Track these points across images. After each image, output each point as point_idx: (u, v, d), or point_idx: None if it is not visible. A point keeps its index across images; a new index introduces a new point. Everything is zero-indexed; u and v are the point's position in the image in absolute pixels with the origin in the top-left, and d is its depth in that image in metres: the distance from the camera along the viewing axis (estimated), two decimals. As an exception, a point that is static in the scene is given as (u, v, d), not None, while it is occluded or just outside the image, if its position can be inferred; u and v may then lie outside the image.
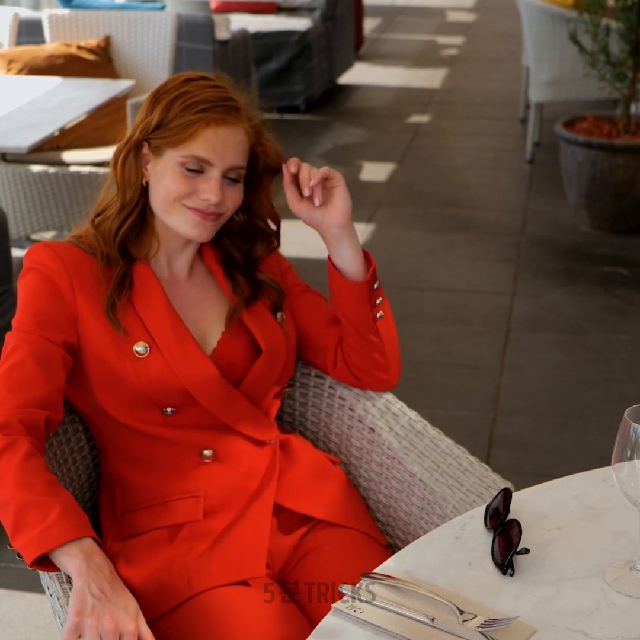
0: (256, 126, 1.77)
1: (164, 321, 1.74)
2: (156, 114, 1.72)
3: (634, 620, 1.34)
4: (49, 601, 1.54)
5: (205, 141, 1.70)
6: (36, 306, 1.71)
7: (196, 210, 1.72)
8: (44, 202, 4.22)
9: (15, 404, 1.61)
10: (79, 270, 1.74)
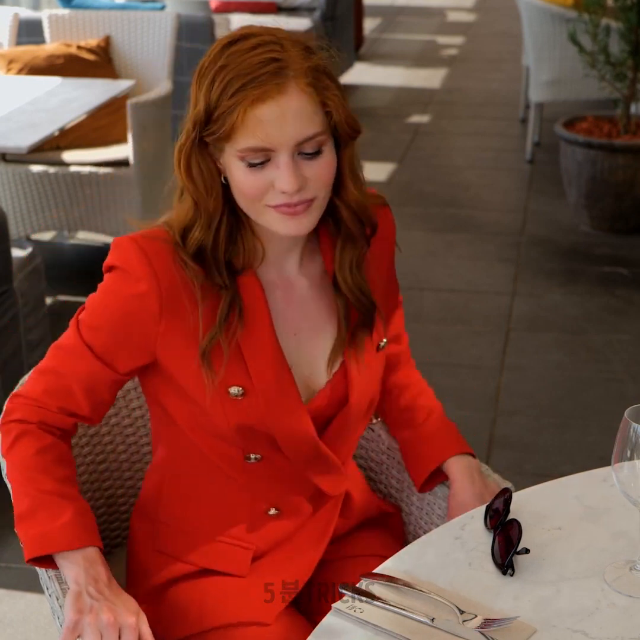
0: (319, 79, 1.44)
1: (268, 363, 1.51)
2: (201, 102, 1.43)
3: (634, 620, 1.34)
4: (48, 601, 1.54)
5: (253, 127, 1.40)
6: (110, 326, 1.51)
7: (281, 207, 1.45)
8: (44, 202, 4.22)
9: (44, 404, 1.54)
10: (173, 290, 1.48)
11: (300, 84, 1.41)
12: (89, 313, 1.54)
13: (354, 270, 1.55)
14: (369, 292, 1.58)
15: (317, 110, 1.43)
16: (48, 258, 4.42)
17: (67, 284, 4.34)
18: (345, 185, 1.51)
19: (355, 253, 1.55)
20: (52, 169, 4.18)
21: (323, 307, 1.58)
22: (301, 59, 1.43)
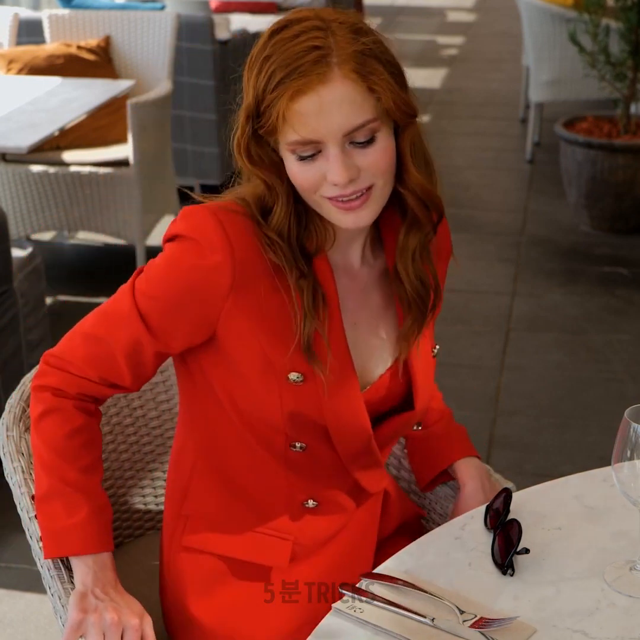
0: (364, 63, 1.35)
1: (331, 350, 1.45)
2: (250, 94, 1.38)
3: (634, 620, 1.34)
4: (50, 601, 1.54)
5: (295, 121, 1.34)
6: (171, 297, 1.43)
7: (337, 201, 1.39)
8: (44, 202, 4.22)
9: (84, 374, 1.48)
10: (249, 267, 1.42)
11: (344, 70, 1.34)
12: (147, 280, 1.45)
13: (417, 257, 1.50)
14: (429, 284, 1.53)
15: (365, 97, 1.36)
16: (48, 258, 4.42)
17: (67, 284, 4.35)
18: (408, 170, 1.44)
19: (420, 239, 1.50)
20: (52, 169, 4.18)
21: (383, 299, 1.54)
22: (347, 43, 1.35)
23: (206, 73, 4.87)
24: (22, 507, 1.56)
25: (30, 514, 1.54)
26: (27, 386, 1.68)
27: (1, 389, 3.00)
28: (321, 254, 1.46)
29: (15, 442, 1.61)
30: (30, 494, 1.56)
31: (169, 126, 4.48)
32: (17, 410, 1.64)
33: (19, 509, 1.58)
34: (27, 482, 1.57)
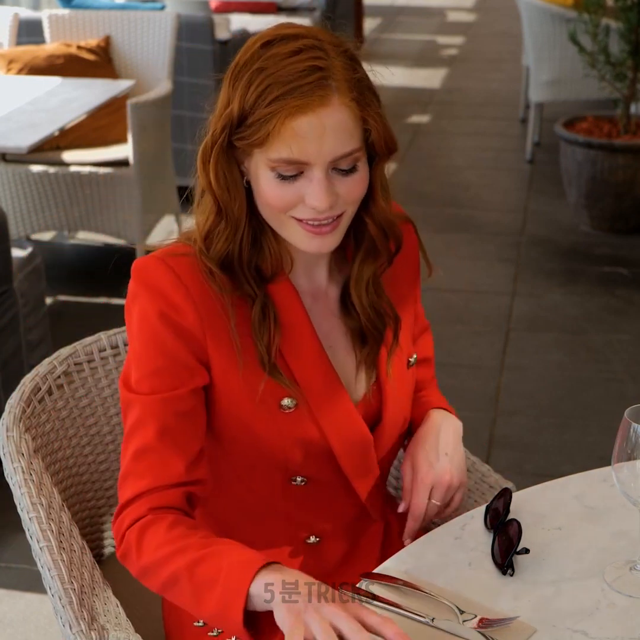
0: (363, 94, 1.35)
1: (315, 369, 1.45)
2: (235, 103, 1.34)
3: (634, 620, 1.34)
4: (50, 601, 1.54)
5: (289, 139, 1.32)
6: (157, 354, 1.41)
7: (307, 224, 1.38)
8: (44, 202, 4.22)
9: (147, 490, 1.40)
10: (208, 299, 1.41)
11: (343, 97, 1.33)
12: (133, 361, 1.43)
13: (371, 288, 1.50)
14: (384, 311, 1.52)
15: (356, 126, 1.35)
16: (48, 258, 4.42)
17: (67, 284, 4.35)
18: (376, 200, 1.45)
19: (374, 270, 1.50)
20: (52, 169, 4.18)
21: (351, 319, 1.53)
22: (345, 69, 1.34)
23: (206, 73, 4.87)
24: (22, 507, 1.56)
25: (30, 514, 1.54)
26: (27, 386, 1.68)
27: (1, 389, 3.00)
28: (281, 278, 1.45)
29: (15, 442, 1.61)
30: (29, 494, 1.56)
31: (169, 126, 4.48)
32: (17, 410, 1.64)
33: (19, 509, 1.58)
34: (27, 483, 1.57)
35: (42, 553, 1.51)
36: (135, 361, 1.43)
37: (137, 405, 1.42)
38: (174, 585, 1.36)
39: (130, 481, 1.42)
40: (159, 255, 1.43)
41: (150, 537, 1.39)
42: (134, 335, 1.44)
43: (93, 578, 1.55)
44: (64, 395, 1.74)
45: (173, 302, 1.40)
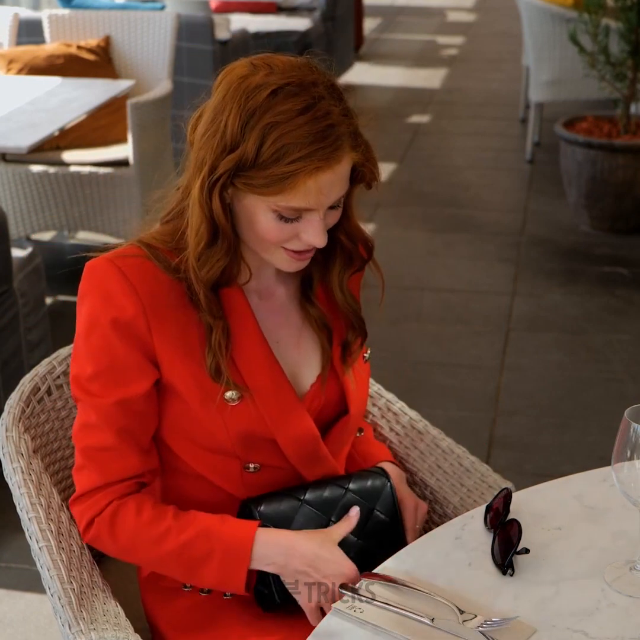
0: (364, 149, 1.46)
1: (258, 363, 1.53)
2: (249, 150, 1.39)
3: (634, 620, 1.34)
4: (50, 601, 1.54)
5: (305, 193, 1.40)
6: (106, 354, 1.48)
7: (296, 253, 1.47)
8: (44, 202, 4.22)
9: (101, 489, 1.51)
10: (155, 299, 1.47)
11: (349, 150, 1.42)
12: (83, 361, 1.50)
13: (346, 290, 1.60)
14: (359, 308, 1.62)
15: (350, 168, 1.45)
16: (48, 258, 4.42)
17: (67, 284, 4.34)
18: (349, 217, 1.54)
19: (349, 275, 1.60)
20: (52, 169, 4.18)
21: (300, 315, 1.60)
22: (341, 114, 1.42)
23: (206, 73, 4.87)
24: (22, 507, 1.56)
25: (29, 514, 1.54)
26: (26, 386, 1.68)
27: (1, 389, 3.00)
28: (232, 285, 1.52)
29: (14, 442, 1.61)
30: (28, 495, 1.56)
31: (168, 126, 4.48)
32: (16, 410, 1.64)
33: (19, 509, 1.58)
34: (27, 483, 1.57)
35: (42, 553, 1.51)
36: (86, 360, 1.49)
37: (90, 407, 1.50)
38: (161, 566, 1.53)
39: (87, 474, 1.52)
40: (109, 256, 1.50)
41: (121, 522, 1.50)
42: (81, 334, 1.50)
43: (92, 578, 1.55)
44: (63, 395, 1.74)
45: (118, 302, 1.46)
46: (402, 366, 3.74)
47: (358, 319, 1.61)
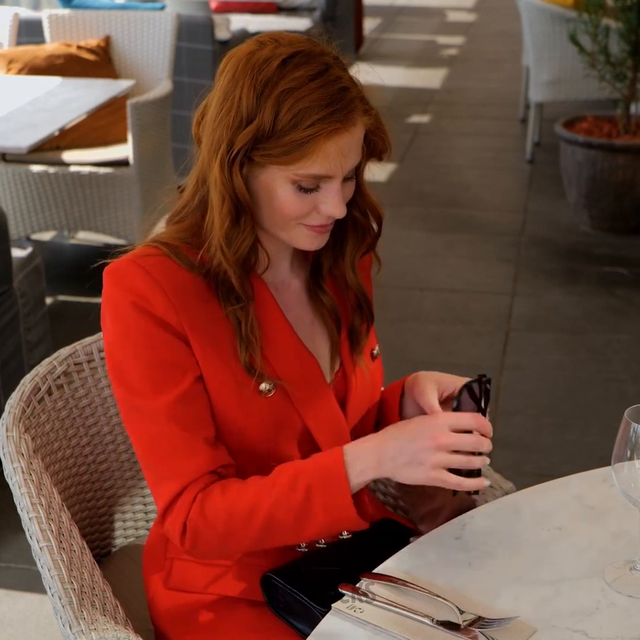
0: (375, 115, 1.47)
1: (290, 353, 1.52)
2: (266, 118, 1.39)
3: (634, 620, 1.34)
4: (50, 601, 1.54)
5: (325, 157, 1.39)
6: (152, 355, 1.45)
7: (316, 227, 1.46)
8: (44, 202, 4.22)
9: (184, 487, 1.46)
10: (183, 298, 1.45)
11: (361, 113, 1.43)
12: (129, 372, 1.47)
13: (356, 270, 1.59)
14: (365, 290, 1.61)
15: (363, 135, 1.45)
16: (48, 258, 4.43)
17: (67, 284, 4.35)
18: (364, 193, 1.53)
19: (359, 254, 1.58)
20: (52, 169, 4.18)
21: (318, 308, 1.59)
22: (350, 80, 1.44)
23: (206, 73, 4.87)
24: (22, 507, 1.56)
25: (30, 514, 1.54)
26: (26, 387, 1.68)
27: (1, 389, 3.00)
28: (254, 276, 1.50)
29: (15, 442, 1.61)
30: (29, 495, 1.56)
31: (168, 126, 4.48)
32: (16, 410, 1.64)
33: (19, 509, 1.58)
34: (27, 483, 1.57)
35: (42, 553, 1.51)
36: (131, 365, 1.46)
37: (148, 414, 1.46)
38: (268, 533, 1.45)
39: (164, 485, 1.47)
40: (129, 257, 1.48)
41: (210, 510, 1.45)
42: (115, 342, 1.47)
43: (93, 578, 1.55)
44: (63, 396, 1.74)
45: (150, 300, 1.44)
46: (402, 366, 3.74)
47: (366, 300, 1.60)
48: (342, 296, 1.60)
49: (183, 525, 1.47)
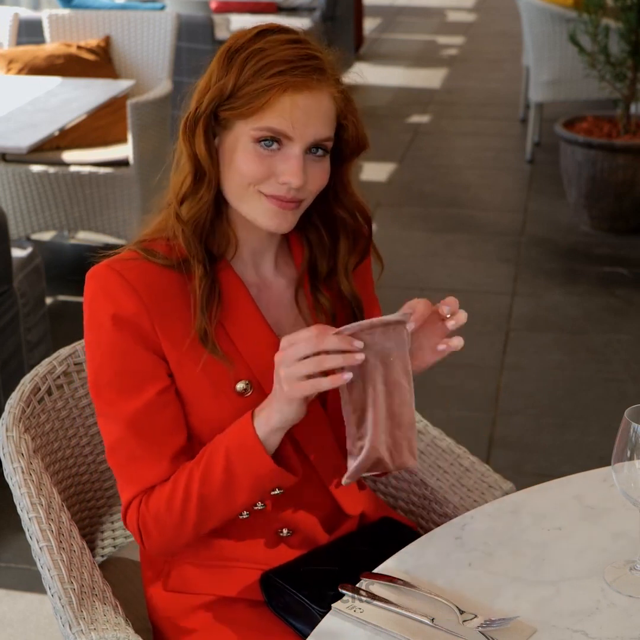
0: (344, 91, 1.47)
1: (263, 351, 1.50)
2: (231, 77, 1.42)
3: (634, 620, 1.34)
4: (50, 601, 1.54)
5: (282, 110, 1.40)
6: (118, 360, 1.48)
7: (273, 198, 1.44)
8: (44, 202, 4.22)
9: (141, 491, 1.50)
10: (156, 297, 1.48)
11: (332, 88, 1.45)
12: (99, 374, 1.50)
13: (350, 278, 1.59)
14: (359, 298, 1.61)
15: (335, 118, 1.46)
16: (48, 258, 4.42)
17: (67, 284, 4.35)
18: (350, 193, 1.55)
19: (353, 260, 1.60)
20: (52, 169, 4.18)
21: (302, 308, 1.59)
22: (333, 68, 1.46)
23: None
24: (22, 507, 1.56)
25: (30, 514, 1.54)
26: (26, 386, 1.68)
27: (1, 389, 3.00)
28: (224, 264, 1.51)
29: (15, 442, 1.61)
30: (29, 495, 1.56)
31: (168, 126, 4.48)
32: (16, 410, 1.64)
33: (19, 509, 1.58)
34: (27, 483, 1.57)
35: (42, 553, 1.51)
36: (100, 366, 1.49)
37: (112, 419, 1.49)
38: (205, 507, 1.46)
39: (126, 488, 1.51)
40: (109, 262, 1.52)
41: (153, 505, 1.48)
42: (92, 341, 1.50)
43: (93, 578, 1.55)
44: (63, 396, 1.74)
45: (119, 301, 1.47)
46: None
47: (360, 309, 1.60)
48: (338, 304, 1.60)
49: (137, 527, 1.50)
